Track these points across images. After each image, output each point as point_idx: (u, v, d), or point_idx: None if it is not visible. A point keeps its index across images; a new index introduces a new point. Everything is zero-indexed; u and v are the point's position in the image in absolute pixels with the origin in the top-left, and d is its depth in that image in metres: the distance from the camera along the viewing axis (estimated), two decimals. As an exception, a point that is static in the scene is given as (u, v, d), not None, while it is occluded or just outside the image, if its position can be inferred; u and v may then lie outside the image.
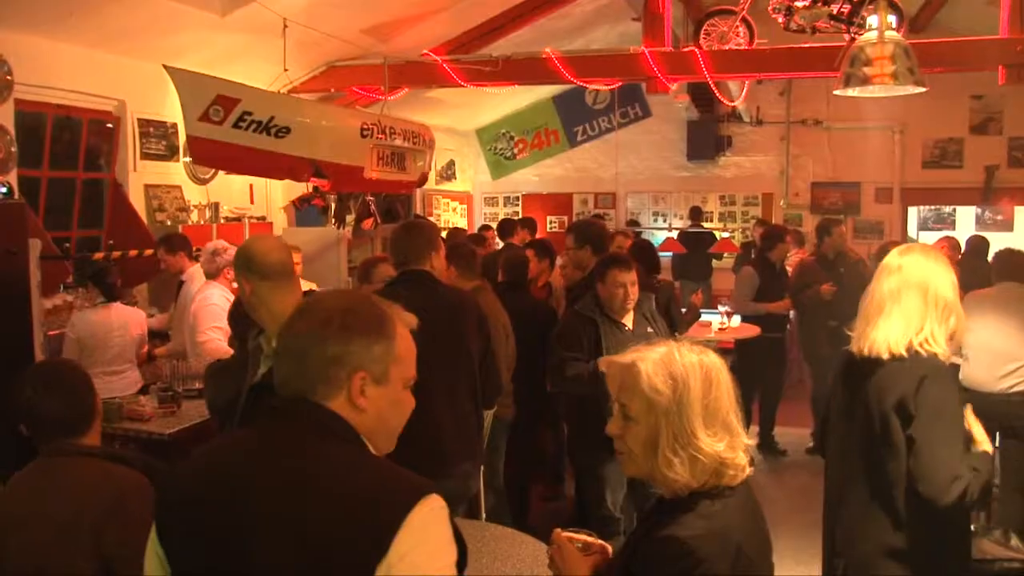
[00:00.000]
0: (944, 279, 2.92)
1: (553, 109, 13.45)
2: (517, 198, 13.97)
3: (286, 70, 7.35)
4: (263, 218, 8.41)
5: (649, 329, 4.63)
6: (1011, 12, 7.08)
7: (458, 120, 12.90)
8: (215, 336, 5.22)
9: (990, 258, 6.66)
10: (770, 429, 7.53)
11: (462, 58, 8.48)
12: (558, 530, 2.16)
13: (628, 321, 4.68)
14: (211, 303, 5.33)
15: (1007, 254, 5.80)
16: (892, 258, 3.02)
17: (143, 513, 2.53)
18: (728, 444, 1.89)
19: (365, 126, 7.48)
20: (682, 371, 1.90)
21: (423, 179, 8.98)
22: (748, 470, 1.95)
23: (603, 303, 4.66)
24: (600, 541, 2.17)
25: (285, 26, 6.92)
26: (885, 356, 2.85)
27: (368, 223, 8.57)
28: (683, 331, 5.93)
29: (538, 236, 9.33)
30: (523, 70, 8.38)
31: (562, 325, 5.01)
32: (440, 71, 8.34)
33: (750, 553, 1.87)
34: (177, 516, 1.64)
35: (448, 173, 13.12)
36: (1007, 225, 12.89)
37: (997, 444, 5.61)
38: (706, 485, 1.89)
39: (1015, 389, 5.24)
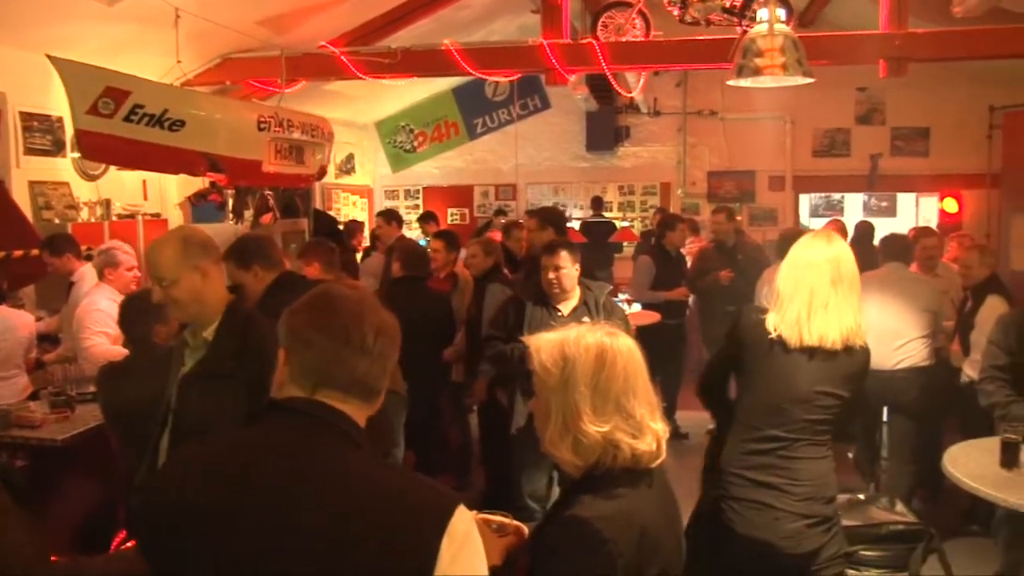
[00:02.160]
0: (851, 259, 3.07)
1: (453, 101, 13.42)
2: (418, 191, 13.91)
3: (179, 62, 7.14)
4: (158, 215, 8.17)
5: (585, 318, 4.61)
6: (890, 8, 7.35)
7: (357, 113, 12.77)
8: (99, 341, 5.08)
9: (876, 242, 6.94)
10: (672, 413, 7.68)
11: (360, 50, 8.38)
12: (473, 512, 2.16)
13: (566, 308, 4.76)
14: (95, 308, 5.17)
15: (892, 238, 6.11)
16: (806, 253, 3.08)
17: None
18: (619, 426, 1.90)
19: (262, 119, 7.34)
20: (574, 351, 1.93)
21: (322, 172, 8.86)
22: (662, 455, 1.97)
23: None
24: (516, 522, 2.18)
25: (177, 16, 6.72)
26: (839, 347, 2.97)
27: (267, 218, 8.41)
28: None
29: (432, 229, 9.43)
30: (422, 62, 8.33)
31: (496, 305, 5.14)
32: (338, 63, 8.22)
33: (655, 535, 1.89)
34: (189, 524, 1.56)
35: (347, 167, 12.97)
36: (891, 211, 13.46)
37: (885, 419, 5.88)
38: (600, 466, 1.91)
39: (902, 366, 5.48)
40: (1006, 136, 10.90)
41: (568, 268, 4.71)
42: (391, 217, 8.80)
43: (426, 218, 10.49)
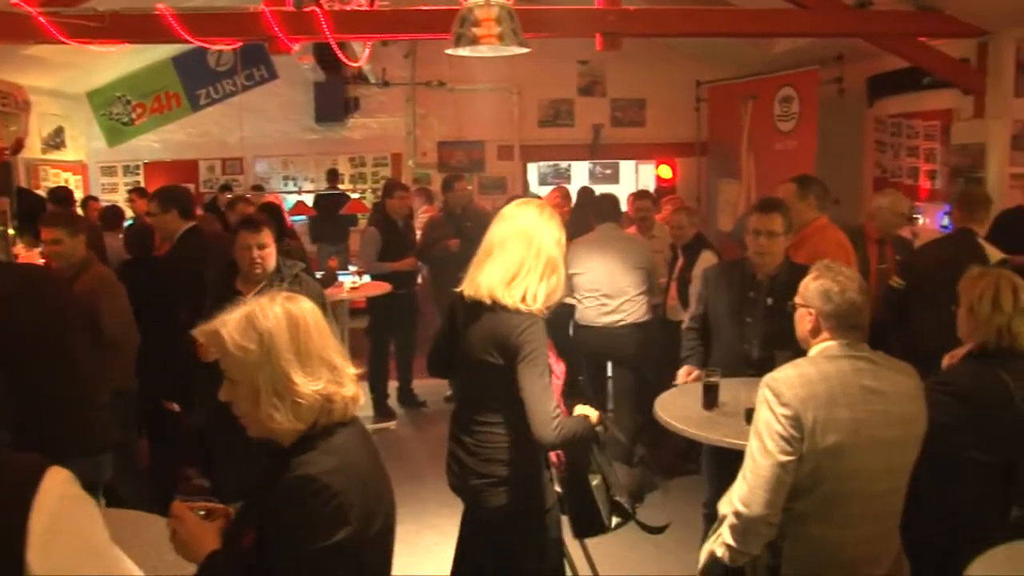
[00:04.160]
0: (550, 236, 3.09)
1: (173, 71, 12.72)
2: (138, 167, 13.08)
3: None
4: None
5: None
6: (605, -15, 7.69)
7: (65, 82, 11.76)
8: None
9: (595, 206, 7.29)
10: (408, 382, 7.74)
11: (62, 11, 7.67)
12: (176, 502, 2.12)
13: (252, 293, 4.41)
14: None
15: (602, 199, 6.44)
16: (507, 208, 3.23)
17: None
18: (329, 379, 1.98)
19: (-61, 85, 6.62)
20: (266, 324, 1.97)
21: (18, 146, 8.12)
22: (360, 401, 2.07)
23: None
24: (222, 505, 2.16)
25: None
26: (487, 301, 3.03)
27: (-44, 197, 7.63)
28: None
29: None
30: (134, 27, 7.75)
31: None
32: (36, 25, 7.46)
33: (373, 483, 1.99)
34: None
35: (56, 141, 11.96)
36: (614, 178, 14.28)
37: (609, 373, 6.24)
38: (319, 424, 1.97)
39: (622, 323, 5.82)
40: (710, 108, 11.76)
41: (272, 247, 4.44)
42: (59, 198, 8.25)
43: (139, 193, 10.16)
